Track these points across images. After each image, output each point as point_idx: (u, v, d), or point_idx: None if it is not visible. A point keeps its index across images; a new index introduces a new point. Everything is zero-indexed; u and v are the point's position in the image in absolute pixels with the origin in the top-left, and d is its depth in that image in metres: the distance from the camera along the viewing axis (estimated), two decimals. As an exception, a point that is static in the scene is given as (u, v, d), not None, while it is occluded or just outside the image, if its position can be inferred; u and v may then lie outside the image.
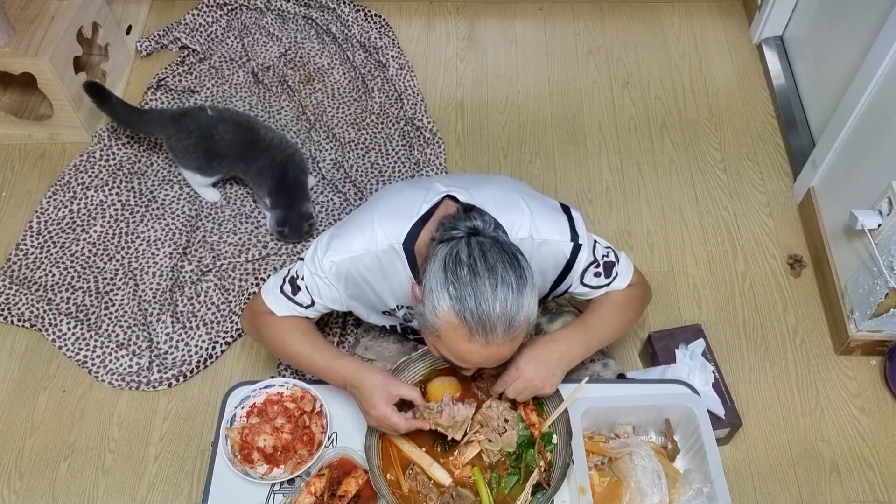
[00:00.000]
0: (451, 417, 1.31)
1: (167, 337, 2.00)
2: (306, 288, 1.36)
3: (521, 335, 1.16)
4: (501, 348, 1.15)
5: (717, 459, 1.29)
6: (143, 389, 1.94)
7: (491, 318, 1.11)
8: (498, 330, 1.12)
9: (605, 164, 2.38)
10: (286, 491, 1.33)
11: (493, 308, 1.11)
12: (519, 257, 1.16)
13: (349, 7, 2.67)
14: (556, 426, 1.34)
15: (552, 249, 1.33)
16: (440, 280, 1.13)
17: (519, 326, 1.14)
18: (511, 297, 1.12)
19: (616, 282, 1.43)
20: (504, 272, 1.12)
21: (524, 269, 1.15)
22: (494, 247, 1.14)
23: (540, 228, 1.32)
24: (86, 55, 2.47)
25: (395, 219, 1.30)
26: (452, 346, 1.16)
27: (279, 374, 1.92)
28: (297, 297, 1.38)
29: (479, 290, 1.11)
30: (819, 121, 2.31)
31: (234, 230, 2.18)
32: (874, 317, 1.87)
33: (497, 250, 1.14)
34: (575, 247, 1.34)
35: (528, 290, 1.14)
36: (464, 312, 1.11)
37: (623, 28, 2.74)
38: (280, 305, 1.39)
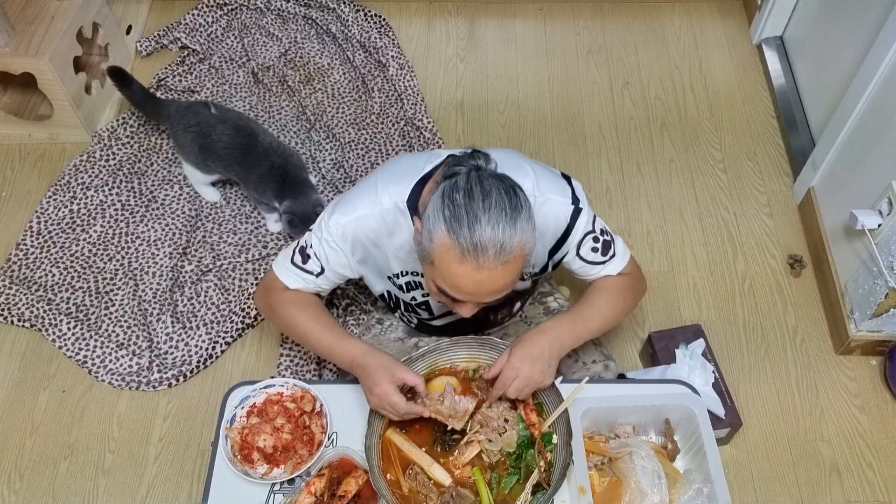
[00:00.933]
0: (451, 407, 1.32)
1: (167, 337, 2.00)
2: (315, 255, 1.38)
3: (516, 265, 1.16)
4: (494, 273, 1.14)
5: (717, 459, 1.29)
6: (143, 389, 1.94)
7: (483, 240, 1.11)
8: (489, 252, 1.12)
9: (605, 164, 2.38)
10: (286, 491, 1.33)
11: (485, 229, 1.11)
12: (517, 189, 1.17)
13: (349, 7, 2.67)
14: (556, 426, 1.34)
15: (553, 210, 1.34)
16: (437, 206, 1.15)
17: (511, 252, 1.13)
18: (504, 220, 1.12)
19: (612, 263, 1.43)
20: (499, 198, 1.13)
21: (521, 199, 1.16)
22: (493, 177, 1.16)
23: (542, 188, 1.34)
24: (86, 55, 2.47)
25: (398, 181, 1.32)
26: (446, 271, 1.16)
27: (279, 374, 1.93)
28: (307, 266, 1.39)
29: (472, 212, 1.12)
30: (819, 121, 2.31)
31: (234, 230, 2.18)
32: (874, 317, 1.87)
33: (495, 180, 1.16)
34: (575, 210, 1.35)
35: (524, 217, 1.15)
36: (456, 233, 1.12)
37: (623, 28, 2.74)
38: (291, 276, 1.41)
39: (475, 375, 1.43)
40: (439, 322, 1.59)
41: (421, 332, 1.67)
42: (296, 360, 1.95)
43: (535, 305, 1.70)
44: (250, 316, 2.04)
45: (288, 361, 1.95)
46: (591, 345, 1.62)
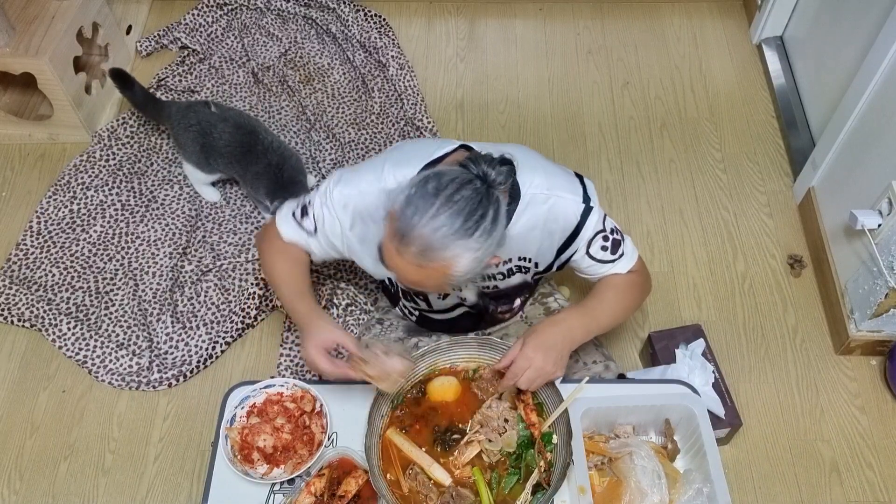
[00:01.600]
0: (381, 369, 1.31)
1: (167, 337, 2.00)
2: (313, 216, 1.40)
3: (434, 275, 1.16)
4: (408, 268, 1.16)
5: (717, 459, 1.29)
6: (143, 389, 1.94)
7: (413, 233, 1.12)
8: (411, 248, 1.13)
9: (605, 164, 2.38)
10: (286, 491, 1.33)
11: (423, 227, 1.11)
12: (489, 211, 1.14)
13: (349, 7, 2.67)
14: (556, 426, 1.34)
15: (563, 206, 1.34)
16: (414, 180, 1.16)
17: (431, 262, 1.13)
18: (443, 232, 1.11)
19: (620, 262, 1.44)
20: (458, 210, 1.11)
21: (484, 224, 1.13)
22: (478, 191, 1.13)
23: (553, 185, 1.34)
24: (86, 55, 2.47)
25: (405, 164, 1.33)
26: (383, 238, 1.19)
27: (279, 374, 1.93)
28: (304, 223, 1.42)
29: (425, 206, 1.12)
30: (819, 121, 2.31)
31: (234, 230, 2.18)
32: (874, 317, 1.87)
33: (475, 193, 1.13)
34: (586, 209, 1.35)
35: (468, 241, 1.12)
36: (402, 212, 1.13)
37: (623, 28, 2.74)
38: (288, 227, 1.44)
39: (475, 375, 1.43)
40: (438, 316, 1.59)
41: (422, 326, 1.67)
42: (296, 360, 1.95)
43: (535, 306, 1.70)
44: (250, 316, 2.04)
45: (288, 361, 1.95)
46: (591, 345, 1.62)
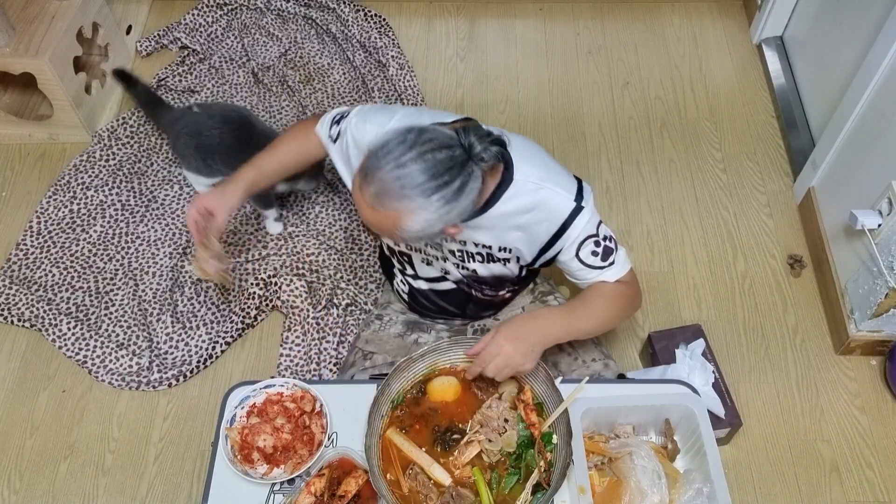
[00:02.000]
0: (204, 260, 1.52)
1: (167, 337, 2.00)
2: (339, 129, 1.49)
3: (384, 220, 1.20)
4: (364, 206, 1.21)
5: (717, 459, 1.29)
6: (143, 389, 1.94)
7: (375, 174, 1.17)
8: (371, 187, 1.17)
9: (605, 164, 2.38)
10: (286, 491, 1.33)
11: (387, 170, 1.16)
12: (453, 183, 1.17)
13: (349, 7, 2.67)
14: (556, 426, 1.34)
15: (553, 200, 1.34)
16: (399, 126, 1.22)
17: (385, 207, 1.17)
18: (404, 183, 1.15)
19: (610, 270, 1.42)
20: (425, 169, 1.15)
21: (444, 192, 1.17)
22: (452, 161, 1.17)
23: (547, 178, 1.35)
24: (86, 55, 2.47)
25: (414, 118, 1.37)
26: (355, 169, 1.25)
27: (279, 374, 1.93)
28: (331, 129, 1.52)
29: (395, 151, 1.17)
30: (819, 121, 2.31)
31: (234, 230, 2.18)
32: (874, 317, 1.87)
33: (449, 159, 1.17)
34: (576, 208, 1.35)
35: (426, 204, 1.16)
36: (375, 152, 1.18)
37: (623, 28, 2.74)
38: (323, 123, 1.55)
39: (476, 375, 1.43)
40: (426, 286, 1.61)
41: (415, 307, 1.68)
42: (296, 360, 1.95)
43: (535, 304, 1.70)
44: (250, 316, 2.04)
45: (288, 361, 1.95)
46: (590, 343, 1.62)
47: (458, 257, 1.49)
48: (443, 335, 1.68)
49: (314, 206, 2.24)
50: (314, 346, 1.96)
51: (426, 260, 1.54)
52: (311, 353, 1.95)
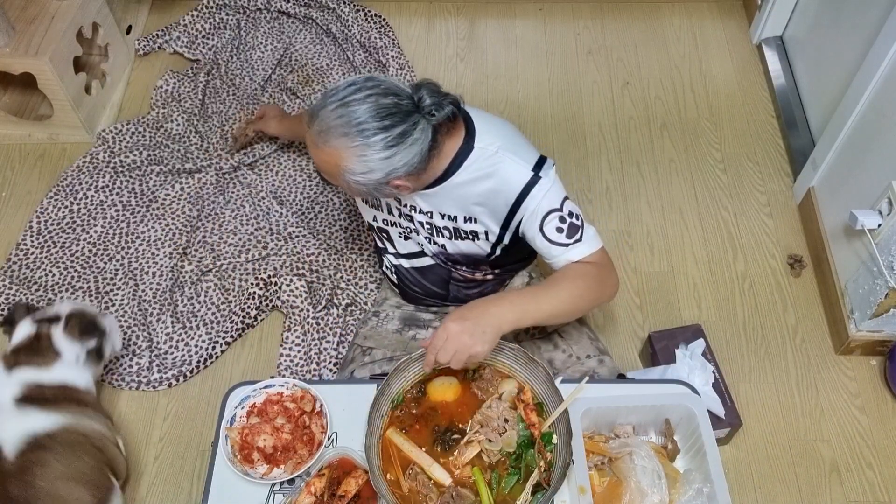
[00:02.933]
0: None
1: (167, 337, 2.00)
2: None
3: (329, 160, 1.25)
4: (311, 145, 1.28)
5: (717, 459, 1.29)
6: (143, 389, 1.94)
7: (321, 112, 1.23)
8: (314, 125, 1.24)
9: (605, 164, 2.38)
10: (286, 491, 1.33)
11: (331, 108, 1.22)
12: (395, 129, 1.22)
13: (349, 7, 2.67)
14: (556, 426, 1.34)
15: (508, 168, 1.35)
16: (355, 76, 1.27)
17: (327, 144, 1.23)
18: (344, 121, 1.21)
19: (576, 247, 1.38)
20: (368, 111, 1.21)
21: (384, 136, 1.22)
22: (398, 108, 1.22)
23: (506, 148, 1.36)
24: (86, 55, 2.48)
25: None
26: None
27: (279, 374, 1.93)
28: None
29: (344, 94, 1.23)
30: (819, 121, 2.31)
31: (235, 230, 2.18)
32: (874, 317, 1.87)
33: (392, 109, 1.22)
34: (533, 178, 1.35)
35: (364, 145, 1.22)
36: (326, 93, 1.25)
37: (623, 28, 2.74)
38: None
39: (475, 375, 1.43)
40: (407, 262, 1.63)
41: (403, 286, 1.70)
42: (296, 360, 1.95)
43: None
44: (250, 316, 2.04)
45: (288, 361, 1.95)
46: (586, 339, 1.62)
47: (426, 230, 1.50)
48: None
49: (314, 205, 2.24)
50: (314, 346, 1.96)
51: (403, 234, 1.56)
52: (311, 353, 1.95)
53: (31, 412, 1.52)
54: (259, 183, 2.28)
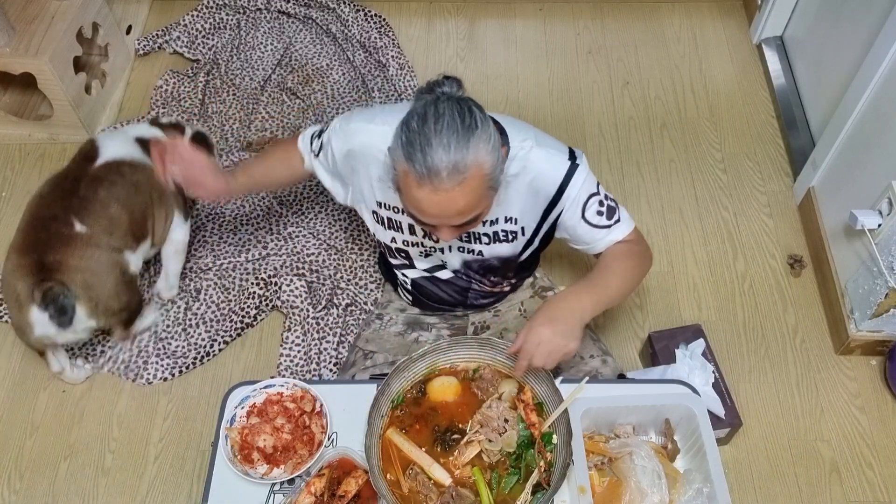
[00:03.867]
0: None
1: (166, 332, 2.00)
2: (321, 141, 1.53)
3: (473, 185, 1.18)
4: (451, 194, 1.17)
5: (717, 459, 1.29)
6: (139, 382, 1.94)
7: (434, 162, 1.14)
8: (442, 174, 1.15)
9: (605, 164, 2.38)
10: (286, 491, 1.33)
11: (436, 151, 1.14)
12: (473, 109, 1.19)
13: (349, 7, 2.67)
14: (556, 426, 1.34)
15: (548, 160, 1.36)
16: (397, 133, 1.20)
17: (466, 171, 1.16)
18: (455, 140, 1.15)
19: (618, 228, 1.43)
20: (451, 119, 1.16)
21: (476, 117, 1.18)
22: (450, 101, 1.18)
23: (540, 142, 1.37)
24: (86, 55, 2.47)
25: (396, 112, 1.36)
26: (409, 196, 1.21)
27: (279, 374, 1.93)
28: (313, 143, 1.56)
29: (424, 136, 1.15)
30: (819, 121, 2.31)
31: (235, 230, 2.18)
32: (874, 317, 1.87)
33: (451, 103, 1.18)
34: (572, 166, 1.37)
35: (478, 136, 1.17)
36: (412, 158, 1.16)
37: (623, 28, 2.74)
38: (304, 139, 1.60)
39: (475, 375, 1.43)
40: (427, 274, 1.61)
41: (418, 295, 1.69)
42: (296, 360, 1.95)
43: (535, 299, 1.70)
44: (249, 315, 2.04)
45: (288, 361, 1.95)
46: (588, 339, 1.62)
47: (463, 239, 1.48)
48: (443, 334, 1.68)
49: (314, 205, 2.24)
50: (314, 346, 1.96)
51: (424, 252, 1.55)
52: (311, 353, 1.95)
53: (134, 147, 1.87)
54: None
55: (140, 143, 1.89)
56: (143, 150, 1.88)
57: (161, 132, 1.95)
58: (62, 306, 1.64)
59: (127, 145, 1.87)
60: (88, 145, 1.87)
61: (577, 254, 1.54)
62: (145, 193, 1.84)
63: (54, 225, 1.70)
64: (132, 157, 1.85)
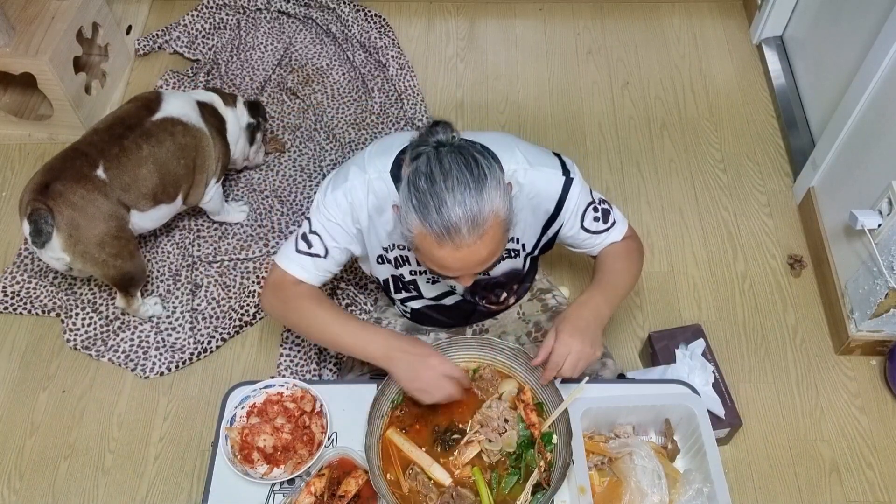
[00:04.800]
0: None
1: (167, 325, 2.01)
2: (319, 236, 1.38)
3: (494, 234, 1.17)
4: (473, 249, 1.16)
5: (717, 459, 1.29)
6: (138, 374, 1.95)
7: (452, 221, 1.12)
8: (462, 230, 1.13)
9: (605, 164, 2.38)
10: (286, 491, 1.33)
11: (453, 210, 1.12)
12: (477, 157, 1.16)
13: (349, 7, 2.67)
14: (556, 426, 1.34)
15: (544, 179, 1.35)
16: (405, 195, 1.16)
17: (485, 224, 1.14)
18: (469, 195, 1.12)
19: (615, 229, 1.46)
20: (459, 173, 1.13)
21: (483, 167, 1.16)
22: (451, 153, 1.16)
23: (532, 161, 1.35)
24: (86, 55, 2.48)
25: (382, 155, 1.35)
26: (429, 256, 1.19)
27: (279, 374, 1.93)
28: (312, 250, 1.39)
29: (437, 196, 1.13)
30: (819, 121, 2.31)
31: (237, 227, 2.19)
32: (874, 317, 1.87)
33: (454, 155, 1.16)
34: (567, 181, 1.36)
35: (490, 185, 1.15)
36: (427, 220, 1.13)
37: (623, 28, 2.74)
38: (299, 265, 1.39)
39: (475, 375, 1.43)
40: (432, 303, 1.59)
41: (418, 322, 1.67)
42: (296, 360, 1.95)
43: (533, 302, 1.70)
44: (249, 314, 2.04)
45: (288, 361, 1.95)
46: None
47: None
48: (442, 335, 1.68)
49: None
50: (314, 346, 1.96)
51: (431, 279, 1.52)
52: (311, 353, 1.95)
53: (193, 110, 1.94)
54: (261, 181, 2.29)
55: (200, 106, 1.97)
56: (199, 113, 1.96)
57: (218, 97, 2.05)
58: (40, 228, 1.73)
59: (186, 106, 1.94)
60: (153, 95, 1.94)
61: (577, 255, 1.55)
62: (189, 157, 1.91)
63: (81, 161, 1.79)
64: (188, 118, 1.92)
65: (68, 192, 1.75)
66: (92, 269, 1.83)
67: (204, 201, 2.05)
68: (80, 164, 1.79)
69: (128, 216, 1.84)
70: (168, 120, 1.88)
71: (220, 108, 2.04)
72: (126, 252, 1.84)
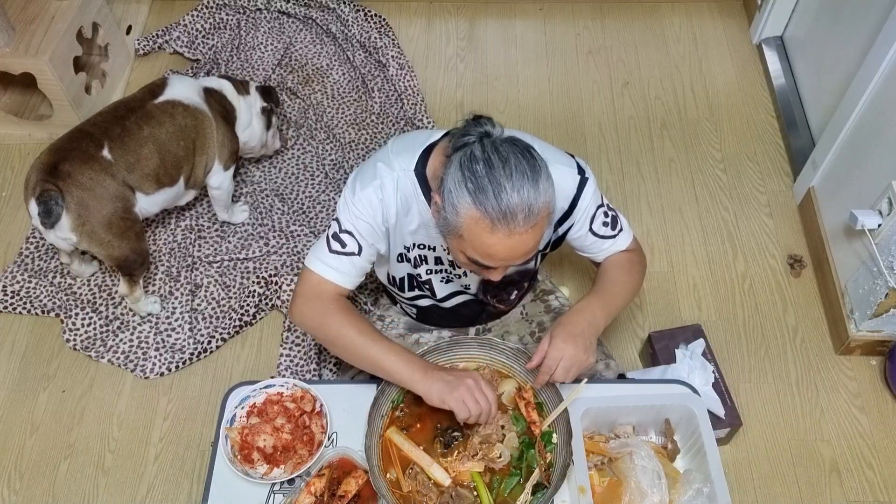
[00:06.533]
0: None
1: (166, 325, 2.01)
2: (350, 233, 1.36)
3: (543, 224, 1.19)
4: (525, 237, 1.17)
5: (717, 459, 1.29)
6: (137, 375, 1.95)
7: (511, 206, 1.14)
8: (518, 217, 1.14)
9: (605, 164, 2.38)
10: (286, 491, 1.33)
11: (512, 196, 1.13)
12: (532, 150, 1.19)
13: (349, 7, 2.67)
14: (556, 426, 1.34)
15: (560, 176, 1.34)
16: (458, 179, 1.16)
17: (539, 213, 1.16)
18: (527, 183, 1.14)
19: (621, 237, 1.46)
20: (517, 162, 1.15)
21: (537, 159, 1.18)
22: (506, 143, 1.18)
23: (548, 158, 1.33)
24: (86, 55, 2.48)
25: (405, 152, 1.35)
26: (477, 242, 1.18)
27: (279, 374, 1.93)
28: (347, 249, 1.36)
29: (495, 181, 1.14)
30: (819, 121, 2.31)
31: (235, 231, 2.18)
32: (874, 317, 1.87)
33: (508, 145, 1.18)
34: (582, 179, 1.37)
35: (544, 177, 1.17)
36: (484, 204, 1.14)
37: (623, 28, 2.74)
38: (333, 268, 1.36)
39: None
40: (442, 304, 1.59)
41: (423, 322, 1.67)
42: (296, 360, 1.95)
43: (536, 303, 1.70)
44: (249, 314, 2.04)
45: (288, 361, 1.95)
46: None
47: None
48: (444, 335, 1.68)
49: (315, 205, 2.25)
50: (314, 346, 1.96)
51: (445, 278, 1.52)
52: (311, 353, 1.95)
53: (197, 93, 1.97)
54: (262, 180, 2.29)
55: (206, 91, 2.01)
56: (204, 97, 1.99)
57: (230, 84, 2.08)
58: (49, 209, 1.75)
59: (190, 90, 1.97)
60: (159, 81, 1.98)
61: (579, 257, 1.55)
62: (188, 139, 1.94)
63: (86, 141, 1.82)
64: (191, 100, 1.95)
65: (76, 172, 1.77)
66: (97, 249, 1.85)
67: (213, 186, 2.06)
68: (87, 145, 1.81)
69: (133, 198, 1.87)
70: (169, 102, 1.92)
71: (231, 96, 2.06)
72: (132, 233, 1.87)
